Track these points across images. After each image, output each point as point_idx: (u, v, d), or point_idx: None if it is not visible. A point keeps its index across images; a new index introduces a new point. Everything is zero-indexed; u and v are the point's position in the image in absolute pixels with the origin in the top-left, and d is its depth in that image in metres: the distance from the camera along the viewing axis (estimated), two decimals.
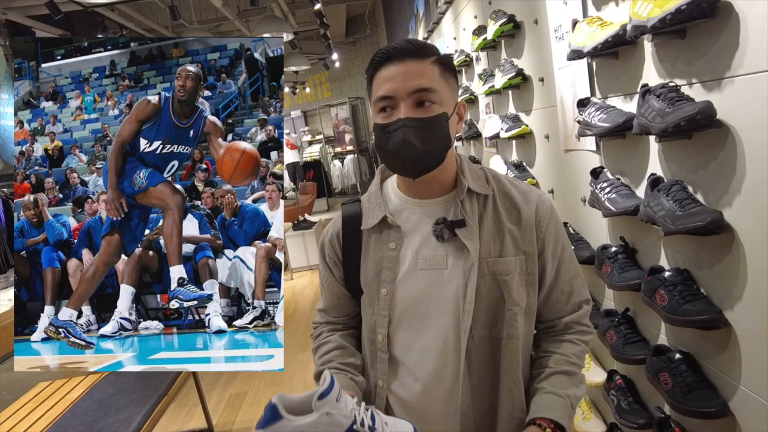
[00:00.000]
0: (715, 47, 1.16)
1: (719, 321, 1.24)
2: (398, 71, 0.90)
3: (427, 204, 1.00)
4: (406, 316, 1.00)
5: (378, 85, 0.93)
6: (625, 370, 1.83)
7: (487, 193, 0.99)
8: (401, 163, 0.93)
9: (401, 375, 1.02)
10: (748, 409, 1.23)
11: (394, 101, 0.91)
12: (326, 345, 1.09)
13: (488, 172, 1.04)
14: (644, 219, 1.40)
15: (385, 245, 1.00)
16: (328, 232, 1.10)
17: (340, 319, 1.14)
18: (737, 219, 1.17)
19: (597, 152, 1.81)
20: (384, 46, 0.93)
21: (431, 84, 0.91)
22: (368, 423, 0.81)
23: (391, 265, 0.99)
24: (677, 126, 1.19)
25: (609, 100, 1.67)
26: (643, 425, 1.63)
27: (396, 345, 1.01)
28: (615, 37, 1.45)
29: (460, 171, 1.00)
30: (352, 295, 1.09)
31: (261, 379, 3.47)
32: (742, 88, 1.10)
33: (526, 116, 2.45)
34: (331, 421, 0.78)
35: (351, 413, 0.80)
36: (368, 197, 1.06)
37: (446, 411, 0.99)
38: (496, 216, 0.98)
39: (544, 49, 2.11)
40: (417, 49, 0.92)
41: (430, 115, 0.91)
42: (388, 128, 0.91)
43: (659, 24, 1.20)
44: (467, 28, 3.31)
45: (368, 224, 1.02)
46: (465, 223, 0.96)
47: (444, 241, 0.97)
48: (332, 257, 1.09)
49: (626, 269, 1.60)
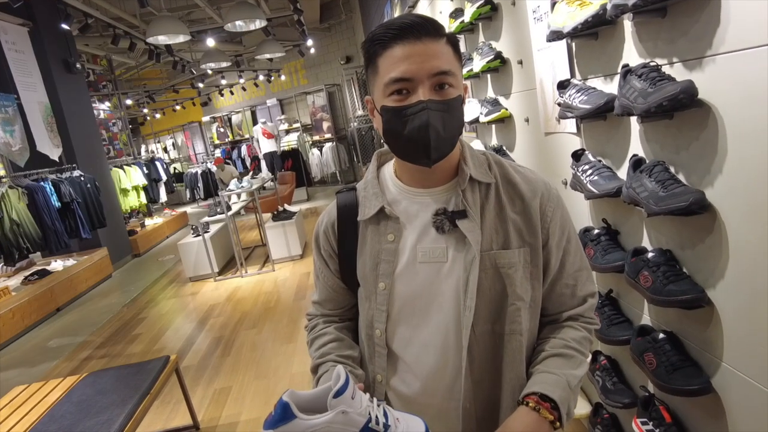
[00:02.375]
0: (697, 25, 1.15)
1: (702, 300, 1.25)
2: (416, 51, 0.83)
3: (428, 193, 0.95)
4: (405, 311, 0.96)
5: (390, 65, 0.84)
6: (609, 350, 1.84)
7: (489, 182, 0.94)
8: (422, 148, 0.85)
9: (400, 370, 0.99)
10: (730, 385, 1.25)
11: (412, 84, 0.84)
12: (323, 337, 1.05)
13: (491, 158, 0.99)
14: (627, 200, 1.40)
15: (383, 237, 0.96)
16: (322, 222, 1.05)
17: (336, 312, 1.10)
18: (719, 199, 1.18)
19: (578, 134, 1.80)
20: (390, 20, 0.85)
21: (450, 66, 0.85)
22: (383, 420, 0.79)
23: (390, 258, 0.95)
24: (660, 106, 1.18)
25: (589, 82, 1.66)
26: (628, 404, 1.65)
27: (395, 340, 0.98)
28: (595, 16, 1.43)
29: (462, 158, 0.95)
30: (348, 288, 1.05)
31: (245, 372, 3.43)
32: (724, 67, 1.09)
33: (506, 100, 2.43)
34: (346, 419, 0.75)
35: (366, 411, 0.78)
36: (364, 185, 1.01)
37: (447, 406, 0.96)
38: (499, 206, 0.93)
39: (523, 31, 2.09)
40: (434, 27, 0.85)
41: (451, 98, 0.86)
42: (406, 111, 0.84)
43: (640, 2, 1.18)
44: (443, 11, 3.26)
45: (365, 215, 0.97)
46: (467, 213, 0.91)
47: (444, 232, 0.92)
48: (327, 249, 1.04)
49: (609, 251, 1.60)
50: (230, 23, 5.75)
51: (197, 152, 14.67)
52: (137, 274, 6.93)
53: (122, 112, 10.18)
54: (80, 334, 4.78)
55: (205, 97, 13.18)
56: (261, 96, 12.80)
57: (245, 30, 6.15)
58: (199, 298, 5.33)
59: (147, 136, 15.40)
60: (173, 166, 14.41)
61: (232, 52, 10.54)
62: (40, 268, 5.67)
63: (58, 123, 6.38)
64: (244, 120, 13.11)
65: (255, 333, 4.12)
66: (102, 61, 9.87)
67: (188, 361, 3.78)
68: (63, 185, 5.86)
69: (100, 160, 7.59)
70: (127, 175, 8.76)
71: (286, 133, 11.97)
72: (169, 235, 9.39)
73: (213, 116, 13.69)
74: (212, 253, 5.77)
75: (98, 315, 5.32)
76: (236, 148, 13.03)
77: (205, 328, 4.43)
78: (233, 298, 5.12)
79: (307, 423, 0.74)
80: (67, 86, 6.70)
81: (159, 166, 10.48)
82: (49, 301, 5.40)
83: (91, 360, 4.11)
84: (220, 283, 5.71)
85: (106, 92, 9.85)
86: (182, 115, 14.23)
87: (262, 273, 5.82)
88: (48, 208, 5.51)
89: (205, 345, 4.05)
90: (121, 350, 4.22)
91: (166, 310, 5.15)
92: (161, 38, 5.62)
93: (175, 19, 5.78)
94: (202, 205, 11.93)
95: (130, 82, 12.61)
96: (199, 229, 5.72)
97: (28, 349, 4.64)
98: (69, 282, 5.81)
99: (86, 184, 6.35)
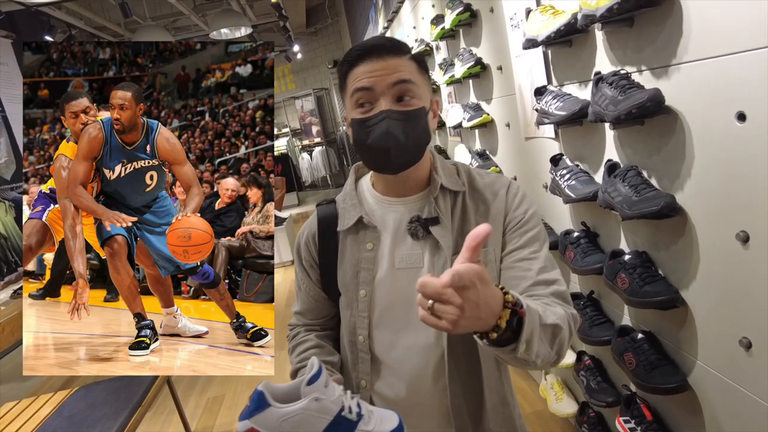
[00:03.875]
0: (662, 35, 1.18)
1: (676, 301, 1.29)
2: (377, 66, 0.89)
3: (403, 202, 0.99)
4: (386, 316, 0.99)
5: (355, 80, 0.90)
6: (593, 350, 1.88)
7: (459, 189, 0.99)
8: (384, 156, 0.90)
9: (384, 374, 1.02)
10: (705, 382, 1.28)
11: (374, 94, 0.89)
12: (304, 344, 1.08)
13: (460, 167, 1.03)
14: (603, 205, 1.43)
15: (362, 246, 1.00)
16: (303, 233, 1.09)
17: (317, 321, 1.13)
18: (689, 202, 1.21)
19: (556, 139, 1.83)
20: (358, 43, 0.91)
21: (411, 77, 0.90)
22: (356, 410, 0.81)
23: (369, 266, 0.99)
24: (629, 113, 1.22)
25: (565, 88, 1.69)
26: (611, 403, 1.68)
27: (377, 345, 1.01)
28: (567, 25, 1.47)
29: (433, 168, 1.00)
30: (330, 297, 1.08)
31: (238, 381, 3.43)
32: (688, 75, 1.13)
33: (487, 105, 2.47)
34: (320, 407, 0.77)
35: (339, 399, 0.79)
36: (343, 197, 1.05)
37: (432, 406, 0.99)
38: (467, 212, 0.98)
39: (501, 38, 2.12)
40: (395, 45, 0.91)
41: (412, 108, 0.90)
42: (369, 122, 0.89)
43: (607, 13, 1.21)
44: (426, 17, 3.30)
45: (344, 225, 1.01)
46: (439, 220, 0.95)
47: (419, 239, 0.96)
48: (308, 259, 1.08)
49: (589, 253, 1.63)
50: (216, 31, 5.75)
51: None
52: None
53: None
54: None
55: None
56: None
57: (231, 37, 6.15)
58: None
59: None
60: None
61: None
62: None
63: None
64: None
65: None
66: None
67: None
68: None
69: None
70: None
71: (275, 138, 11.96)
72: None
73: None
74: None
75: None
76: None
77: None
78: None
79: (282, 411, 0.75)
80: None
81: None
82: None
83: None
84: None
85: None
86: None
87: None
88: None
89: None
90: None
91: None
92: None
93: (160, 28, 5.78)
94: None
95: None
96: None
97: (19, 364, 4.60)
98: None
99: None
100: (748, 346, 1.11)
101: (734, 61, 1.00)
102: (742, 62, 0.98)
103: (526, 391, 2.55)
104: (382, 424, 0.82)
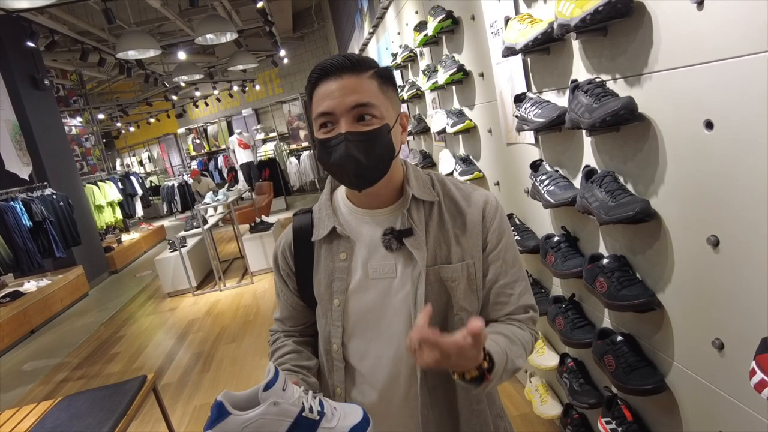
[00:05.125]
0: (634, 44, 1.21)
1: (653, 304, 1.32)
2: (336, 87, 0.90)
3: (376, 214, 1.01)
4: (360, 325, 1.01)
5: (317, 102, 0.92)
6: (575, 353, 1.90)
7: (432, 200, 1.00)
8: (345, 176, 0.93)
9: (358, 382, 1.04)
10: (682, 383, 1.31)
11: (334, 117, 0.91)
12: (282, 349, 1.10)
13: (434, 177, 1.05)
14: (581, 210, 1.46)
15: (336, 256, 1.01)
16: (280, 243, 1.10)
17: (297, 328, 1.15)
18: (663, 207, 1.24)
19: (536, 145, 1.86)
20: (321, 61, 0.93)
21: (369, 98, 0.91)
22: (317, 408, 0.82)
23: (343, 276, 1.00)
24: (603, 121, 1.24)
25: (544, 95, 1.72)
26: (594, 404, 1.71)
27: (351, 353, 1.03)
28: (544, 34, 1.50)
29: (405, 179, 1.01)
30: (307, 305, 1.10)
31: (226, 387, 3.40)
32: (659, 84, 1.16)
33: (470, 111, 2.49)
34: (279, 410, 0.78)
35: (299, 401, 0.80)
36: (319, 207, 1.07)
37: (404, 414, 1.01)
38: (442, 223, 0.99)
39: (482, 45, 2.15)
40: (353, 63, 0.91)
41: (371, 128, 0.91)
42: (329, 143, 0.91)
43: (581, 23, 1.24)
44: (410, 23, 3.32)
45: (318, 235, 1.03)
46: (412, 231, 0.97)
47: (393, 250, 0.98)
48: (285, 269, 1.09)
49: (569, 257, 1.66)
50: (201, 36, 5.73)
51: (174, 164, 14.50)
52: (114, 292, 6.83)
53: (94, 127, 10.02)
54: (56, 356, 4.70)
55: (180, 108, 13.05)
56: (236, 106, 12.73)
57: (217, 43, 6.13)
58: (178, 314, 5.28)
59: (122, 150, 15.17)
60: (149, 179, 14.21)
61: (204, 63, 10.48)
62: (12, 290, 5.55)
63: (27, 141, 6.27)
64: (220, 130, 13.02)
65: (235, 347, 4.11)
66: (72, 75, 9.71)
67: (168, 378, 3.74)
68: (34, 204, 5.75)
69: (73, 176, 7.46)
70: (101, 190, 8.62)
71: (262, 142, 11.93)
72: (147, 250, 9.26)
73: (188, 128, 13.56)
74: (190, 267, 5.72)
75: (75, 335, 5.23)
76: (213, 160, 12.92)
77: (184, 344, 4.39)
78: (212, 312, 5.09)
79: (241, 418, 0.77)
80: (35, 103, 6.58)
81: (134, 181, 10.34)
82: (22, 324, 5.29)
83: (67, 382, 4.04)
84: (198, 298, 5.67)
85: (77, 107, 9.69)
86: (157, 127, 14.06)
87: (240, 286, 5.80)
88: (19, 229, 5.41)
89: (184, 361, 4.02)
90: (99, 370, 4.16)
91: (145, 327, 5.09)
92: (131, 53, 5.58)
93: (144, 33, 5.74)
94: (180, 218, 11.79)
95: (102, 96, 12.41)
96: (176, 244, 5.68)
97: (2, 375, 4.54)
98: (43, 302, 5.70)
99: (59, 202, 6.24)
100: (721, 347, 1.13)
101: (701, 70, 1.03)
102: (709, 72, 1.01)
103: (512, 394, 2.58)
104: (346, 419, 0.84)
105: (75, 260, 6.71)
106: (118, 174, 10.14)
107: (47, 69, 7.56)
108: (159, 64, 9.95)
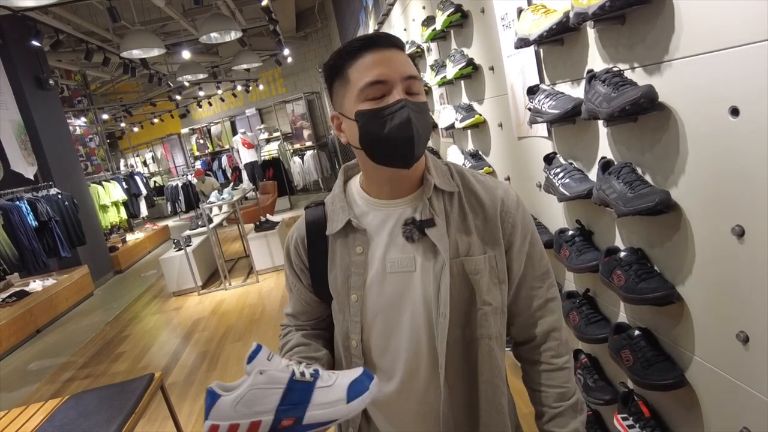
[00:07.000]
0: (653, 32, 1.19)
1: (673, 297, 1.29)
2: (386, 57, 0.86)
3: (394, 204, 0.96)
4: (378, 321, 0.97)
5: (363, 72, 0.86)
6: (589, 348, 1.88)
7: (453, 191, 0.96)
8: (405, 144, 0.86)
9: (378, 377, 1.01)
10: (702, 377, 1.28)
11: (387, 86, 0.86)
12: (291, 342, 1.07)
13: (453, 167, 1.01)
14: (597, 202, 1.43)
15: (352, 250, 0.97)
16: (292, 237, 1.06)
17: (310, 323, 1.11)
18: (683, 197, 1.21)
19: (549, 138, 1.83)
20: (356, 36, 0.89)
21: (416, 73, 0.89)
22: (309, 372, 0.79)
23: (360, 270, 0.96)
24: (623, 110, 1.22)
25: (557, 86, 1.70)
26: (609, 401, 1.68)
27: (370, 349, 0.99)
28: (559, 24, 1.47)
29: (426, 168, 0.97)
30: (322, 300, 1.06)
31: None
32: (680, 71, 1.13)
33: (479, 105, 2.47)
34: (267, 378, 0.76)
35: (287, 368, 0.78)
36: (332, 200, 1.02)
37: (422, 410, 0.98)
38: (463, 214, 0.95)
39: (493, 38, 2.12)
40: (396, 40, 0.90)
41: (423, 101, 0.89)
42: (385, 111, 0.85)
43: (599, 11, 1.22)
44: (416, 19, 3.30)
45: (333, 229, 0.98)
46: (434, 222, 0.93)
47: (414, 241, 0.93)
48: (298, 264, 1.05)
49: (584, 251, 1.63)
50: (205, 35, 5.72)
51: (177, 164, 14.52)
52: (119, 291, 6.83)
53: (99, 127, 10.03)
54: (62, 355, 4.70)
55: (184, 108, 13.07)
56: (240, 106, 12.73)
57: (221, 41, 6.12)
58: (183, 313, 5.27)
59: (125, 150, 15.20)
60: (153, 179, 14.23)
61: (208, 63, 10.47)
62: (18, 290, 5.55)
63: (32, 141, 6.27)
64: (224, 130, 13.02)
65: (241, 345, 4.09)
66: (76, 76, 9.72)
67: (174, 377, 3.73)
68: (40, 204, 5.76)
69: (78, 176, 7.47)
70: (106, 190, 8.63)
71: (266, 142, 11.93)
72: (151, 249, 9.27)
73: (192, 128, 13.57)
74: (195, 266, 5.71)
75: (80, 334, 5.23)
76: (216, 159, 12.93)
77: (190, 343, 4.38)
78: (218, 312, 5.08)
79: (231, 396, 0.75)
80: (40, 103, 6.59)
81: (138, 181, 10.35)
82: (28, 323, 5.29)
83: (73, 381, 4.04)
84: (204, 297, 5.66)
85: (81, 107, 9.71)
86: (161, 127, 14.07)
87: (246, 285, 5.78)
88: (24, 228, 5.41)
89: (190, 360, 4.01)
90: (105, 369, 4.15)
91: (150, 327, 5.09)
92: (135, 52, 5.57)
93: (149, 32, 5.73)
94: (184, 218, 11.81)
95: (105, 96, 12.43)
96: (181, 243, 5.67)
97: (8, 374, 4.53)
98: (49, 302, 5.70)
99: (64, 202, 6.25)
100: (746, 340, 1.11)
101: (725, 56, 1.00)
102: (734, 57, 0.98)
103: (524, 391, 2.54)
104: (345, 376, 0.81)
105: (80, 260, 6.72)
106: (123, 174, 10.16)
107: (51, 69, 7.56)
108: (163, 64, 9.95)
